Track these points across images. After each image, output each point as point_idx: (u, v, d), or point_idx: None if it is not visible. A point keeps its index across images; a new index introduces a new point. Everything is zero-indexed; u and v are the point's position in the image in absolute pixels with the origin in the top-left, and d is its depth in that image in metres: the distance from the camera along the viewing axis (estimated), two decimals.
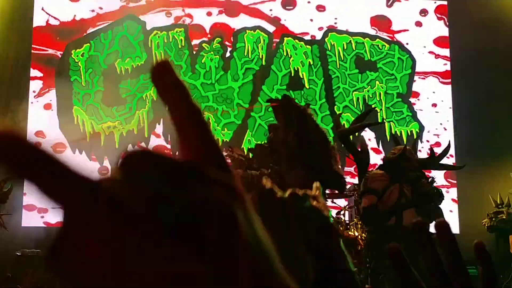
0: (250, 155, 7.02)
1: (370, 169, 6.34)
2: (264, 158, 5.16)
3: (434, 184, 6.17)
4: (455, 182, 10.85)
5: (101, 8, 10.65)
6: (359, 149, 6.54)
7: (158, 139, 10.37)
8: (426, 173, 6.36)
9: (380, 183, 5.83)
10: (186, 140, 0.44)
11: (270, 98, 4.30)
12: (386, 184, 5.83)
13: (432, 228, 0.70)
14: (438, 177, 7.51)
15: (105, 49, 10.52)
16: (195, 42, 10.83)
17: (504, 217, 8.72)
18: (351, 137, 6.87)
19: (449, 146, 7.12)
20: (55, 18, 10.51)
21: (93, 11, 10.63)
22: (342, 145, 6.59)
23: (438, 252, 0.67)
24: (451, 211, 10.14)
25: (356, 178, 10.41)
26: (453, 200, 10.69)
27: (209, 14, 10.99)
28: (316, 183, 1.57)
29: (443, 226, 0.65)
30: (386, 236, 5.68)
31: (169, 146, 10.37)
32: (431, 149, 6.93)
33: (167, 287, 0.37)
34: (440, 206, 6.04)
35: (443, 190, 6.64)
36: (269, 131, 4.41)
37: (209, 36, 10.91)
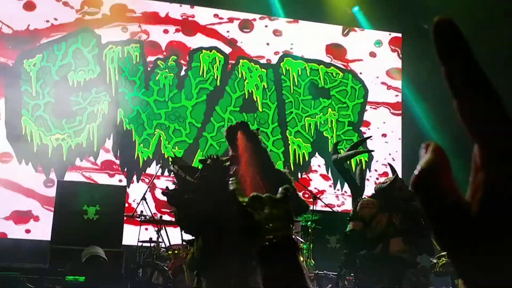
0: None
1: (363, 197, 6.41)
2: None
3: None
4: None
5: (56, 19, 10.52)
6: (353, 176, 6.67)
7: (107, 154, 10.24)
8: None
9: (369, 211, 5.98)
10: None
11: (229, 126, 4.31)
12: (374, 212, 5.98)
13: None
14: None
15: (58, 60, 10.37)
16: (150, 58, 10.77)
17: (445, 260, 7.43)
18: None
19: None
20: (8, 26, 10.32)
21: (47, 21, 10.49)
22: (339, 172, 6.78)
23: None
24: None
25: None
26: None
27: (165, 31, 10.95)
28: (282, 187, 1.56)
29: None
30: (372, 262, 5.88)
31: (117, 161, 10.25)
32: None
33: None
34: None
35: None
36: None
37: (164, 53, 10.87)
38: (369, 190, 7.09)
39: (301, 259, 8.29)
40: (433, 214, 0.53)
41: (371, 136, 10.06)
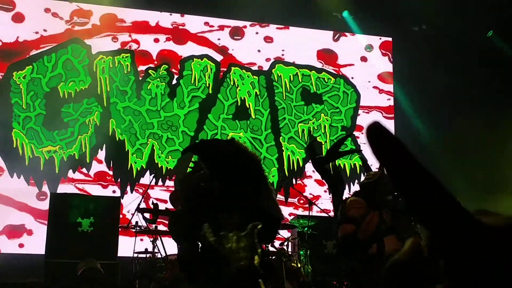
0: None
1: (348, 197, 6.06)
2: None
3: None
4: None
5: (45, 31, 10.44)
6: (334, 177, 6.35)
7: (100, 165, 10.16)
8: None
9: (358, 211, 5.53)
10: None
11: (186, 147, 4.27)
12: (364, 211, 5.55)
13: None
14: None
15: (48, 72, 10.29)
16: (141, 68, 10.71)
17: None
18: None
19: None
20: None
21: (37, 33, 10.41)
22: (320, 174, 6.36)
23: None
24: None
25: (299, 209, 10.43)
26: None
27: (156, 40, 10.90)
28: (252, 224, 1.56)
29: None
30: (368, 265, 5.47)
31: (110, 172, 10.16)
32: None
33: None
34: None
35: None
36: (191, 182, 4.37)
37: (155, 62, 10.82)
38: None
39: (298, 265, 8.23)
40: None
41: (351, 134, 10.25)
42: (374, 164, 8.65)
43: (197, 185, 4.46)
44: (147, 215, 8.03)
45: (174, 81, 10.83)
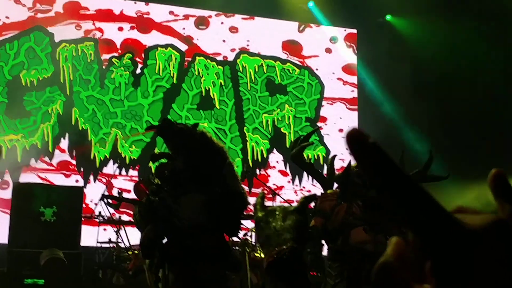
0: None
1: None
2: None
3: None
4: None
5: (7, 18, 10.29)
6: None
7: (63, 154, 10.07)
8: None
9: (329, 204, 5.57)
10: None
11: (150, 125, 4.30)
12: (334, 204, 5.58)
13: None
14: None
15: (10, 59, 10.15)
16: (105, 56, 10.61)
17: None
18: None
19: (431, 157, 6.30)
20: None
21: None
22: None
23: None
24: None
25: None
26: None
27: (120, 29, 10.82)
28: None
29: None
30: (333, 256, 5.53)
31: (73, 162, 10.09)
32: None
33: None
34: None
35: None
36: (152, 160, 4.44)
37: (119, 51, 10.73)
38: None
39: (262, 256, 8.27)
40: None
41: (320, 127, 10.36)
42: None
43: (160, 163, 4.47)
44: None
45: (138, 71, 10.76)
